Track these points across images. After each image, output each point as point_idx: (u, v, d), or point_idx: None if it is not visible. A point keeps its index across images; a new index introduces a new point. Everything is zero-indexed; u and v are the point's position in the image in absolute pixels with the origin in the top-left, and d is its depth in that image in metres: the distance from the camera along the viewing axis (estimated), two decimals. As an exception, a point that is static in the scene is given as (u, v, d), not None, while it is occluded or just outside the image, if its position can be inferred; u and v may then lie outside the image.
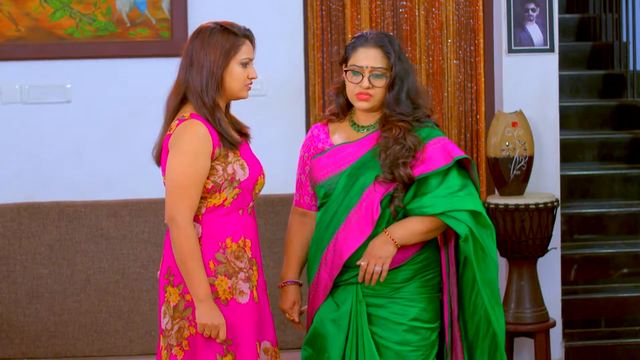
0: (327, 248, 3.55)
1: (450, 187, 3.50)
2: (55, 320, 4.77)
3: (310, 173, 3.62)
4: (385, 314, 3.54)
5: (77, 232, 4.80)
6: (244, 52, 3.44)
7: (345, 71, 3.56)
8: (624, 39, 7.27)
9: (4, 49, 5.22)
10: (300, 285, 3.70)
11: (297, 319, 3.68)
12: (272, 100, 5.30)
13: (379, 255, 3.47)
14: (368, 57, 3.53)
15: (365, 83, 3.52)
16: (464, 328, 3.64)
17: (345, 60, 3.59)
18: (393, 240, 3.48)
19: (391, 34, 3.63)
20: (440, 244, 3.62)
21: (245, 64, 3.45)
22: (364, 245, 3.51)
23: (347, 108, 3.66)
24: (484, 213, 3.52)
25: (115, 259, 4.81)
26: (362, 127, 3.61)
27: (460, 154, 3.51)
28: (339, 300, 3.56)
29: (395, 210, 3.50)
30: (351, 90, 3.56)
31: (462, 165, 3.56)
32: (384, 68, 3.52)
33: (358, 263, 3.50)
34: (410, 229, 3.50)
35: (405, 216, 3.53)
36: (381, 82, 3.52)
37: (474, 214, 3.49)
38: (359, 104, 3.56)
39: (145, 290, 4.80)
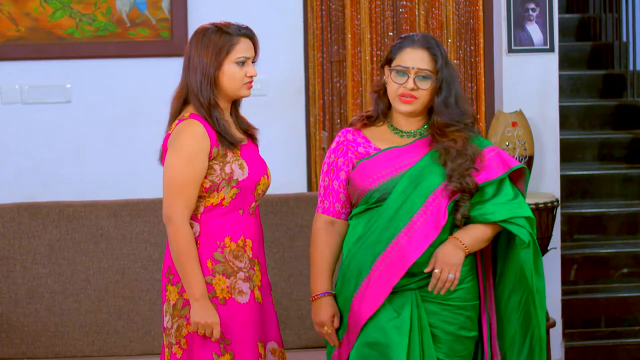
0: (383, 253, 3.43)
1: (507, 195, 3.48)
2: (55, 320, 4.77)
3: (355, 179, 3.50)
4: (436, 323, 3.47)
5: (77, 232, 4.80)
6: (238, 51, 3.44)
7: (390, 71, 3.48)
8: (624, 39, 7.27)
9: (4, 49, 5.22)
10: (334, 295, 3.56)
11: (336, 333, 3.55)
12: (272, 100, 5.30)
13: (452, 263, 3.41)
14: (415, 58, 3.45)
15: (410, 84, 3.43)
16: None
17: (389, 61, 3.50)
18: (464, 246, 3.43)
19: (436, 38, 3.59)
20: (477, 254, 3.58)
21: (241, 63, 3.45)
22: (427, 251, 3.43)
23: (387, 112, 3.57)
24: (535, 221, 3.51)
25: (115, 259, 4.81)
26: (407, 132, 3.53)
27: (516, 164, 3.51)
28: (397, 306, 3.45)
29: (461, 217, 3.45)
30: (394, 91, 3.47)
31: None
32: (430, 70, 3.44)
33: (427, 270, 3.42)
34: (477, 236, 3.46)
35: (466, 223, 3.50)
36: (426, 85, 3.44)
37: (530, 220, 3.47)
38: (401, 107, 3.47)
39: (145, 290, 4.79)
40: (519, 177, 3.55)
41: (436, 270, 3.41)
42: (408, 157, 3.48)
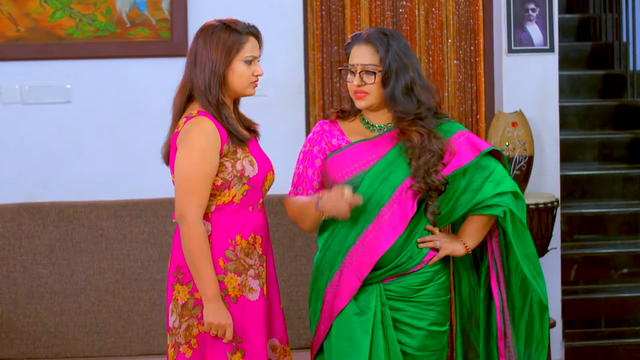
0: (352, 247, 3.50)
1: (494, 175, 3.56)
2: (55, 321, 4.77)
3: (328, 171, 3.56)
4: (405, 319, 3.53)
5: (77, 232, 4.80)
6: (247, 50, 3.43)
7: (340, 70, 3.55)
8: (624, 39, 7.27)
9: (4, 49, 5.22)
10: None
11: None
12: (272, 101, 5.30)
13: (452, 248, 3.54)
14: (359, 55, 3.50)
15: (356, 81, 3.49)
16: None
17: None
18: (466, 246, 3.57)
19: (393, 30, 3.60)
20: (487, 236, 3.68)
21: (249, 62, 3.45)
22: (394, 244, 3.48)
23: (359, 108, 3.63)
24: (519, 190, 3.59)
25: (115, 259, 4.81)
26: (377, 126, 3.58)
27: (487, 146, 3.55)
28: (361, 303, 3.51)
29: (432, 216, 3.51)
30: (350, 89, 3.54)
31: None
32: (374, 64, 3.48)
33: (426, 239, 3.52)
34: (477, 237, 3.59)
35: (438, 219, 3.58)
36: (371, 79, 3.48)
37: (505, 194, 3.54)
38: (357, 103, 3.53)
39: (145, 290, 4.80)
40: (497, 158, 3.62)
41: (435, 235, 3.54)
42: (376, 151, 3.52)
